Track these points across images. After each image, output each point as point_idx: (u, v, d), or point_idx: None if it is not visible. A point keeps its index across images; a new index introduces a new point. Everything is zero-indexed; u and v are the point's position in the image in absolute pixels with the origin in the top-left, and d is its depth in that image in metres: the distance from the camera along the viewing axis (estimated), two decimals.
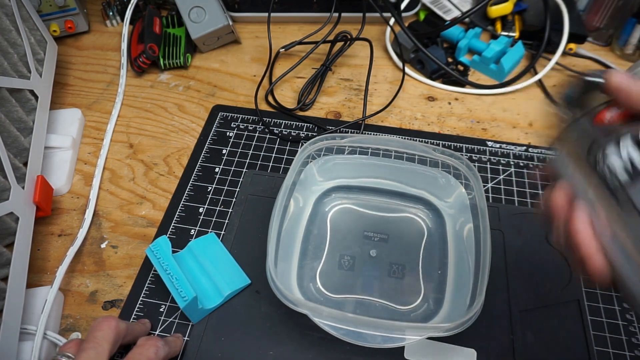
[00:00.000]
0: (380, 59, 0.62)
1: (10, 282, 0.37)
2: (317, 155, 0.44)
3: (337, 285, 0.41)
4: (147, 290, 0.42)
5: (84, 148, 0.54)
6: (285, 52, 0.58)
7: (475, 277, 0.36)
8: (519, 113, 0.56)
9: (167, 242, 0.40)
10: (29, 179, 0.43)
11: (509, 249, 0.43)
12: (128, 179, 0.51)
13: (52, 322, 0.39)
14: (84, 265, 0.44)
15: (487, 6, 0.61)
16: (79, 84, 0.60)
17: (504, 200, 0.47)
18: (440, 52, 0.59)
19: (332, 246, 0.43)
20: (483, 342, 0.38)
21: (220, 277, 0.41)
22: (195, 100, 0.58)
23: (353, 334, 0.34)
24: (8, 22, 0.46)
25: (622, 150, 0.22)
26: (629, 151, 0.22)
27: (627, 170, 0.22)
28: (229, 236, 0.45)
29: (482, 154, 0.51)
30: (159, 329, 0.40)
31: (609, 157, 0.22)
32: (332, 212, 0.46)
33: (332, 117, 0.56)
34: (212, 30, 0.59)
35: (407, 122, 0.55)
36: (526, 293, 0.41)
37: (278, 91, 0.59)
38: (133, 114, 0.57)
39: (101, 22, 0.67)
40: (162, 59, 0.59)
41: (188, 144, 0.53)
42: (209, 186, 0.49)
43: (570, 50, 0.61)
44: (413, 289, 0.41)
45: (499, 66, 0.57)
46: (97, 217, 0.47)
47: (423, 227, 0.45)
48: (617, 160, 0.22)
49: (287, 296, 0.34)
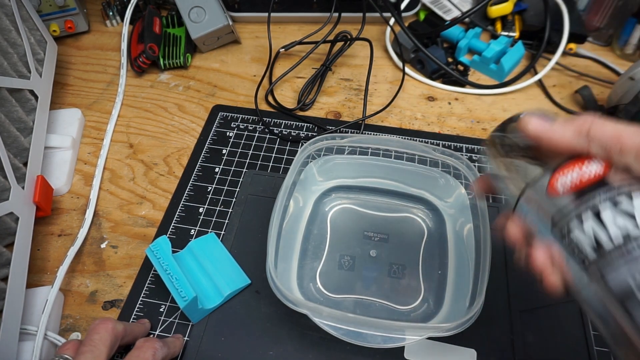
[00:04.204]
0: (380, 59, 0.62)
1: (10, 282, 0.37)
2: (317, 155, 0.44)
3: (337, 285, 0.41)
4: (147, 290, 0.42)
5: (84, 148, 0.54)
6: (285, 52, 0.58)
7: (475, 277, 0.36)
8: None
9: (167, 242, 0.40)
10: (29, 179, 0.43)
11: (509, 249, 0.43)
12: (128, 179, 0.51)
13: (52, 322, 0.39)
14: (84, 265, 0.44)
15: (487, 6, 0.61)
16: (78, 84, 0.60)
17: (503, 200, 0.47)
18: (440, 52, 0.59)
19: (332, 246, 0.43)
20: (483, 342, 0.38)
21: (220, 277, 0.41)
22: (195, 100, 0.58)
23: (353, 334, 0.34)
24: (8, 22, 0.46)
25: (586, 226, 0.23)
26: (593, 227, 0.23)
27: (593, 248, 0.23)
28: (229, 236, 0.45)
29: (482, 154, 0.51)
30: (159, 329, 0.40)
31: (574, 233, 0.24)
32: (332, 212, 0.46)
33: (332, 117, 0.56)
34: (212, 30, 0.59)
35: (407, 122, 0.55)
36: (526, 293, 0.41)
37: (278, 91, 0.59)
38: (133, 114, 0.57)
39: (101, 22, 0.67)
40: (162, 59, 0.59)
41: (188, 144, 0.53)
42: (209, 186, 0.49)
43: (571, 50, 0.61)
44: (413, 289, 0.41)
45: (499, 66, 0.57)
46: (97, 217, 0.47)
47: (423, 227, 0.45)
48: (582, 237, 0.23)
49: (287, 296, 0.34)
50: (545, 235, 0.26)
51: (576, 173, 0.24)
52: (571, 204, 0.24)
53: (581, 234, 0.23)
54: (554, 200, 0.25)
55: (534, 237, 0.27)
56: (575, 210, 0.24)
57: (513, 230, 0.28)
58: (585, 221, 0.23)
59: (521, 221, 0.28)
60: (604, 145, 0.24)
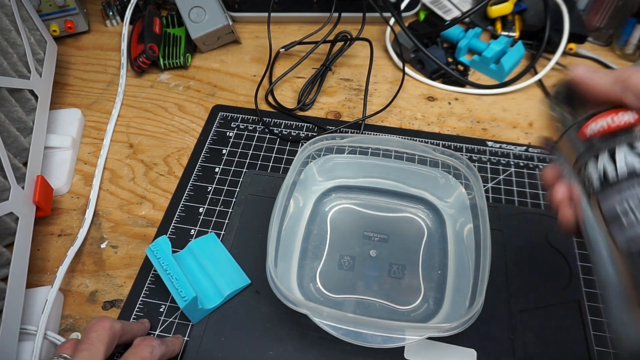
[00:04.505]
0: (380, 59, 0.62)
1: (10, 282, 0.37)
2: (317, 155, 0.44)
3: (337, 285, 0.41)
4: (147, 290, 0.42)
5: (84, 148, 0.54)
6: (285, 52, 0.58)
7: (475, 277, 0.36)
8: (519, 113, 0.56)
9: (167, 242, 0.40)
10: (29, 179, 0.43)
11: (509, 249, 0.43)
12: (128, 179, 0.51)
13: (52, 322, 0.39)
14: (84, 265, 0.44)
15: (487, 6, 0.61)
16: (78, 84, 0.60)
17: (504, 200, 0.47)
18: (440, 52, 0.59)
19: (332, 246, 0.43)
20: (483, 342, 0.38)
21: (220, 277, 0.41)
22: (195, 100, 0.58)
23: (353, 334, 0.34)
24: (8, 22, 0.46)
25: (599, 162, 0.26)
26: (604, 163, 0.25)
27: (600, 180, 0.25)
28: (229, 236, 0.45)
29: (482, 154, 0.51)
30: (159, 329, 0.40)
31: (588, 168, 0.26)
32: (332, 212, 0.46)
33: (332, 117, 0.56)
34: (212, 30, 0.59)
35: (407, 122, 0.55)
36: (526, 293, 0.41)
37: (278, 91, 0.59)
38: (133, 114, 0.57)
39: (101, 22, 0.67)
40: (162, 59, 0.59)
41: (188, 144, 0.53)
42: (209, 186, 0.49)
43: (571, 50, 0.61)
44: (413, 289, 0.41)
45: (499, 66, 0.57)
46: (97, 217, 0.47)
47: (423, 227, 0.45)
48: (594, 171, 0.26)
49: (287, 296, 0.34)
50: (570, 177, 0.28)
51: (606, 120, 0.26)
52: (594, 144, 0.26)
53: (594, 169, 0.26)
54: (581, 142, 0.27)
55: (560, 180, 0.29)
56: (594, 149, 0.26)
57: (548, 173, 0.30)
58: (601, 158, 0.25)
59: (556, 166, 0.30)
60: (637, 94, 0.25)
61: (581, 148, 0.27)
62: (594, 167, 0.26)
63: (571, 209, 0.28)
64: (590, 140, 0.26)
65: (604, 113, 0.27)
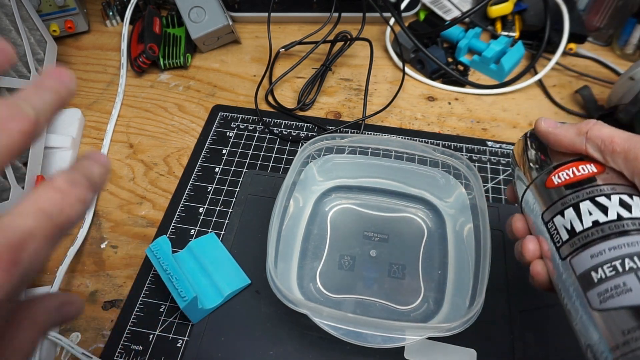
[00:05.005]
0: (380, 59, 0.62)
1: None
2: (317, 155, 0.44)
3: (337, 285, 0.41)
4: (147, 290, 0.42)
5: (84, 148, 0.54)
6: (285, 52, 0.58)
7: (475, 277, 0.36)
8: (519, 113, 0.56)
9: (167, 242, 0.40)
10: (29, 179, 0.43)
11: (509, 249, 0.43)
12: (128, 179, 0.51)
13: None
14: (84, 265, 0.44)
15: (487, 6, 0.61)
16: (78, 84, 0.60)
17: (504, 200, 0.47)
18: (440, 52, 0.59)
19: (332, 246, 0.43)
20: (483, 342, 0.38)
21: (220, 277, 0.41)
22: (195, 100, 0.58)
23: (353, 334, 0.34)
24: (8, 22, 0.46)
25: (566, 213, 0.27)
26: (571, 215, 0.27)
27: (567, 231, 0.27)
28: (229, 236, 0.45)
29: (482, 154, 0.51)
30: (159, 329, 0.39)
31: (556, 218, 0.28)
32: (332, 212, 0.46)
33: (332, 117, 0.56)
34: (212, 30, 0.59)
35: (407, 122, 0.55)
36: (526, 293, 0.41)
37: (278, 91, 0.59)
38: (133, 114, 0.57)
39: (101, 22, 0.67)
40: (162, 59, 0.59)
41: (188, 144, 0.53)
42: (209, 186, 0.49)
43: (571, 50, 0.61)
44: (413, 289, 0.41)
45: (499, 66, 0.57)
46: (97, 217, 0.47)
47: (423, 227, 0.45)
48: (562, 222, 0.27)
49: (287, 296, 0.34)
50: (538, 227, 0.29)
51: (571, 170, 0.28)
52: (561, 194, 0.28)
53: (561, 219, 0.27)
54: (548, 191, 0.29)
55: (531, 231, 0.30)
56: (561, 201, 0.27)
57: (517, 224, 0.31)
58: (566, 209, 0.27)
59: (524, 217, 0.31)
60: (598, 146, 0.27)
61: (547, 199, 0.28)
62: (561, 218, 0.27)
63: (543, 265, 0.29)
64: (557, 190, 0.28)
65: (569, 164, 0.28)
